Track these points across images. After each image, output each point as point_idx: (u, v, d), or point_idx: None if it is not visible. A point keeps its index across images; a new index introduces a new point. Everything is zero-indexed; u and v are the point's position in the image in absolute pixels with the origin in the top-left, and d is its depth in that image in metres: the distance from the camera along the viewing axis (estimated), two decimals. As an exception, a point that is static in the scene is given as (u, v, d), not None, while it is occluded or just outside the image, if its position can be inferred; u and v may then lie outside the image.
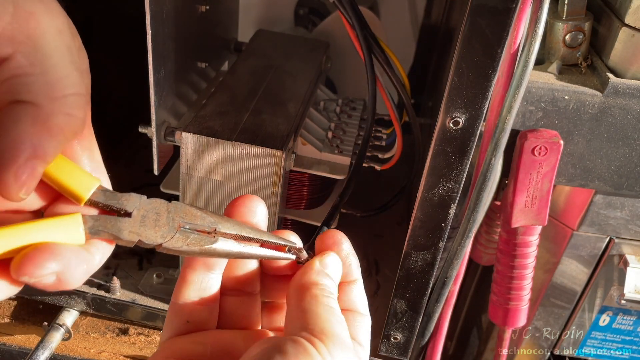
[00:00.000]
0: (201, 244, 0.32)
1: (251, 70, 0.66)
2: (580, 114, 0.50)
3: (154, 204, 0.32)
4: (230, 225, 0.33)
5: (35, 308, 0.68)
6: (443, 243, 0.50)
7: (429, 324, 0.58)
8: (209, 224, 0.33)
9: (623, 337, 0.67)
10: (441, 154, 0.45)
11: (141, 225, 0.31)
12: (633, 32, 0.49)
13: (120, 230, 0.30)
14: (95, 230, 0.30)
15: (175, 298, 0.36)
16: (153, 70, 0.51)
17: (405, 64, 0.93)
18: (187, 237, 0.32)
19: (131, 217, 0.31)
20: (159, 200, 0.32)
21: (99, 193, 0.30)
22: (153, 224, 0.31)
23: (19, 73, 0.26)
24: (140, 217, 0.31)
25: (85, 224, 0.29)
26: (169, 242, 0.31)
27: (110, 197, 0.31)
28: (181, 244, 0.32)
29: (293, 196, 0.63)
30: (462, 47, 0.41)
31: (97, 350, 0.65)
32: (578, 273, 0.62)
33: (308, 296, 0.33)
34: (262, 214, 0.36)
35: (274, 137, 0.54)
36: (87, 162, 0.31)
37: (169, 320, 0.36)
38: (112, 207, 0.31)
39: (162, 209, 0.32)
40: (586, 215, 0.58)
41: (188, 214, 0.32)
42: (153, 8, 0.48)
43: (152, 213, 0.32)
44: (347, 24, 0.56)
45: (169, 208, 0.32)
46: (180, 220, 0.32)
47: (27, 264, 0.26)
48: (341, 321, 0.32)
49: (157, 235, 0.31)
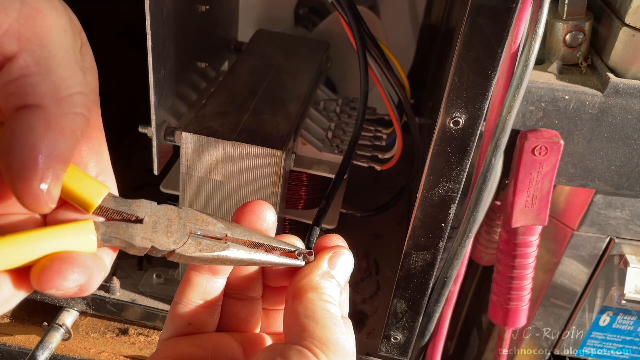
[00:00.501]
0: (213, 249, 0.32)
1: (251, 70, 0.66)
2: (580, 114, 0.50)
3: (164, 210, 0.32)
4: (240, 232, 0.33)
5: (35, 308, 0.68)
6: (443, 243, 0.50)
7: (429, 324, 0.58)
8: (220, 230, 0.32)
9: (623, 337, 0.67)
10: (441, 154, 0.45)
11: (153, 231, 0.31)
12: (633, 32, 0.48)
13: (132, 236, 0.30)
14: (108, 237, 0.30)
15: (178, 299, 0.36)
16: (153, 70, 0.50)
17: (405, 64, 0.93)
18: (200, 243, 0.32)
19: (143, 224, 0.31)
20: (170, 206, 0.32)
21: (109, 200, 0.30)
22: (165, 230, 0.31)
23: (25, 73, 0.26)
24: (152, 223, 0.31)
25: (97, 231, 0.29)
26: (181, 248, 0.31)
27: (121, 203, 0.30)
28: (194, 250, 0.31)
29: (293, 196, 0.63)
30: (462, 47, 0.41)
31: (97, 351, 0.65)
32: (578, 273, 0.62)
33: (305, 300, 0.32)
34: (272, 220, 0.35)
35: (274, 137, 0.54)
36: (95, 165, 0.31)
37: (170, 320, 0.36)
38: (123, 213, 0.31)
39: (173, 215, 0.32)
40: (586, 215, 0.58)
41: (199, 220, 0.32)
42: (153, 8, 0.48)
43: (163, 219, 0.31)
44: (344, 22, 0.56)
45: (180, 214, 0.32)
46: (192, 226, 0.32)
47: (54, 277, 0.26)
48: (340, 327, 0.32)
49: (170, 242, 0.31)
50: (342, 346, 0.31)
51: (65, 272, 0.26)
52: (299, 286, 0.34)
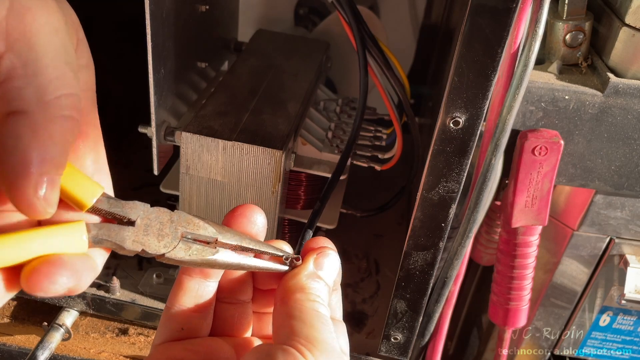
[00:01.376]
0: (203, 254, 0.32)
1: (251, 70, 0.66)
2: (580, 114, 0.50)
3: (157, 213, 0.32)
4: (230, 236, 0.33)
5: (35, 308, 0.68)
6: (443, 243, 0.50)
7: (429, 324, 0.58)
8: (211, 234, 0.32)
9: (623, 337, 0.67)
10: (441, 154, 0.45)
11: (144, 234, 0.31)
12: (633, 32, 0.48)
13: (123, 239, 0.30)
14: (99, 239, 0.30)
15: (170, 303, 0.36)
16: (153, 70, 0.50)
17: (406, 64, 0.93)
18: (189, 247, 0.32)
19: (135, 226, 0.31)
20: (163, 209, 0.32)
21: (102, 200, 0.30)
22: (156, 233, 0.31)
23: (12, 75, 0.25)
24: (144, 226, 0.31)
25: (89, 232, 0.29)
26: (171, 252, 0.31)
27: (114, 204, 0.31)
28: (183, 255, 0.32)
29: (293, 196, 0.63)
30: (462, 47, 0.40)
31: (97, 351, 0.65)
32: (578, 273, 0.62)
33: (292, 301, 0.32)
34: (262, 223, 0.35)
35: (274, 137, 0.54)
36: (91, 163, 0.30)
37: (163, 325, 0.36)
38: (115, 215, 0.31)
39: (166, 218, 0.32)
40: (586, 215, 0.58)
41: (191, 223, 0.32)
42: (153, 8, 0.48)
43: (155, 222, 0.31)
44: (344, 22, 0.56)
45: (172, 217, 0.32)
46: (183, 229, 0.32)
47: (42, 280, 0.26)
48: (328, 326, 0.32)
49: (160, 245, 0.31)
50: (330, 345, 0.30)
51: (53, 276, 0.26)
52: (286, 288, 0.34)
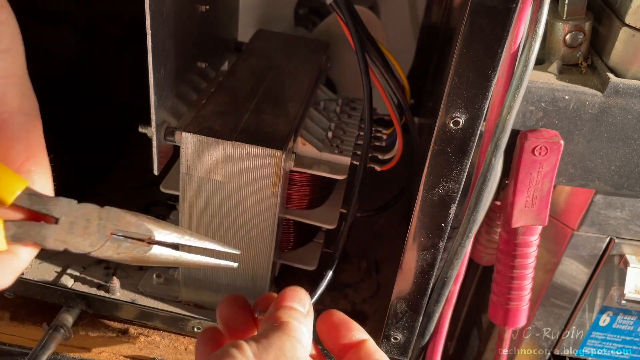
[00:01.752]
0: (133, 253, 0.31)
1: (251, 70, 0.66)
2: (580, 114, 0.50)
3: (84, 210, 0.31)
4: (168, 232, 0.32)
5: (35, 308, 0.68)
6: (443, 243, 0.50)
7: (429, 324, 0.58)
8: (144, 232, 0.31)
9: (623, 337, 0.67)
10: (441, 154, 0.45)
11: (68, 232, 0.30)
12: (633, 32, 0.48)
13: (44, 238, 0.29)
14: (18, 238, 0.28)
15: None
16: (153, 70, 0.50)
17: (405, 64, 0.93)
18: (119, 245, 0.31)
19: (58, 224, 0.30)
20: (91, 205, 0.31)
21: (24, 197, 0.28)
22: (82, 232, 0.30)
23: None
24: (69, 223, 0.30)
25: (7, 231, 0.28)
26: (98, 250, 0.30)
27: (37, 201, 0.29)
28: (111, 253, 0.30)
29: (293, 196, 0.63)
30: (462, 47, 0.41)
31: (97, 350, 0.65)
32: (578, 273, 0.62)
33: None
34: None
35: (274, 137, 0.54)
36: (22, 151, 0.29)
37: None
38: (38, 212, 0.29)
39: (93, 215, 0.30)
40: (586, 215, 0.58)
41: (122, 220, 0.31)
42: (153, 8, 0.48)
43: (81, 219, 0.30)
44: (343, 24, 0.56)
45: (101, 214, 0.31)
46: (112, 227, 0.31)
47: None
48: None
49: (86, 244, 0.30)
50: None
51: None
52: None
